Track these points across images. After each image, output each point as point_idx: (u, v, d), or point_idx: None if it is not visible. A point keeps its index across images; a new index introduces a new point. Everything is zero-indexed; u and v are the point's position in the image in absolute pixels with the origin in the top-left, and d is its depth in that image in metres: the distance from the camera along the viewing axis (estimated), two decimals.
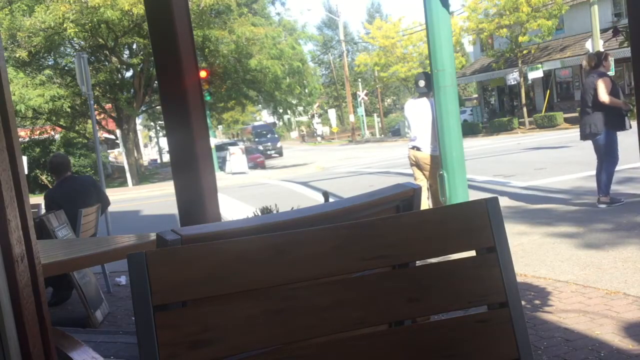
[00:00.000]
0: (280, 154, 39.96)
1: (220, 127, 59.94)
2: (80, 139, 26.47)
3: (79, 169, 23.22)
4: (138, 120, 33.69)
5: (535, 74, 27.33)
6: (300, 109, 29.79)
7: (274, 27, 23.71)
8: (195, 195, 2.36)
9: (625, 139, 6.55)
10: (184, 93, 2.30)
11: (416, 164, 6.06)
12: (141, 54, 23.20)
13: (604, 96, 6.20)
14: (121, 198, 16.53)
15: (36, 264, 1.52)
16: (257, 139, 41.09)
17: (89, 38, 21.72)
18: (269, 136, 42.38)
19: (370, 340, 1.11)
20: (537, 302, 3.61)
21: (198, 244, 1.07)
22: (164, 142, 46.34)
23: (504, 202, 7.60)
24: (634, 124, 6.46)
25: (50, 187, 5.29)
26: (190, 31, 2.35)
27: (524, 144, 18.83)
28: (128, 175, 25.43)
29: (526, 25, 26.11)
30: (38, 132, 26.19)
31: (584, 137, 6.64)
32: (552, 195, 7.99)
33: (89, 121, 22.80)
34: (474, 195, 6.26)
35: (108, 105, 26.01)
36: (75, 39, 21.88)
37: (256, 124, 41.19)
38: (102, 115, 26.34)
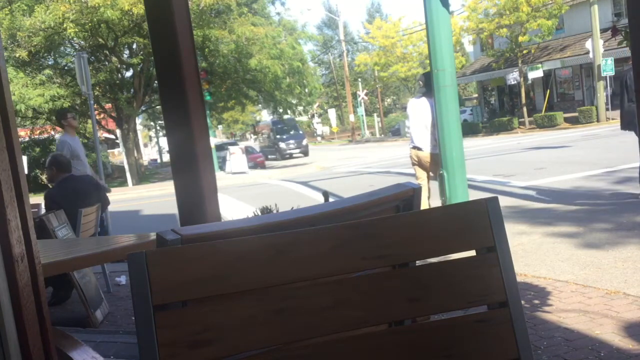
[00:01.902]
0: (306, 153, 33.99)
1: (220, 127, 59.95)
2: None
3: None
4: (138, 120, 33.70)
5: (535, 73, 27.34)
6: (300, 108, 29.77)
7: (274, 27, 23.70)
8: (195, 195, 2.36)
9: (626, 139, 6.55)
10: (184, 93, 2.30)
11: (418, 163, 6.08)
12: (141, 53, 23.20)
13: None
14: (121, 198, 16.53)
15: (36, 263, 1.52)
16: (277, 136, 35.52)
17: (89, 38, 21.71)
18: (292, 132, 36.15)
19: (370, 340, 1.11)
20: (537, 301, 3.61)
21: (198, 244, 1.07)
22: (164, 142, 46.24)
23: (504, 202, 7.61)
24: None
25: (50, 186, 5.31)
26: (190, 31, 2.36)
27: (524, 143, 18.83)
28: (128, 175, 25.44)
29: (526, 25, 26.11)
30: (38, 131, 26.20)
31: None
32: (552, 195, 8.00)
33: (89, 121, 22.77)
34: (474, 195, 6.26)
35: (108, 105, 26.02)
36: (75, 38, 21.88)
37: (276, 118, 36.12)
38: (102, 115, 26.35)
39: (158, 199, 15.72)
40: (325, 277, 1.10)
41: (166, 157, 44.84)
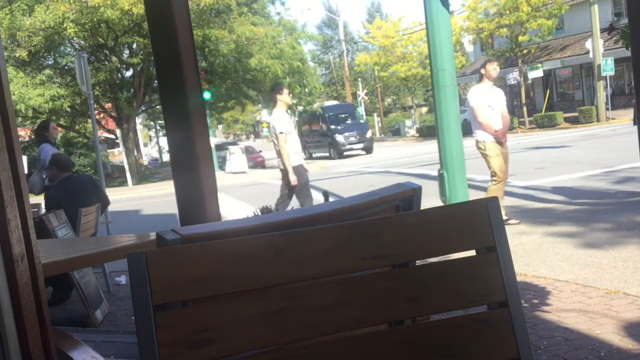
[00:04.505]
0: (370, 149, 25.72)
1: (220, 126, 59.95)
2: (80, 139, 26.49)
3: (79, 169, 23.24)
4: (138, 120, 33.69)
5: (535, 73, 27.34)
6: (300, 108, 29.78)
7: (274, 27, 23.72)
8: (195, 195, 2.36)
9: (626, 139, 6.54)
10: (184, 93, 2.30)
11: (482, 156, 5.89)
12: (141, 53, 23.20)
13: None
14: (121, 197, 16.53)
15: (36, 263, 1.52)
16: (332, 126, 26.45)
17: (89, 38, 21.72)
18: (349, 122, 27.11)
19: (370, 340, 1.11)
20: (537, 301, 3.61)
21: (198, 244, 1.07)
22: (164, 141, 46.17)
23: (504, 201, 7.59)
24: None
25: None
26: (190, 31, 2.35)
27: (524, 143, 18.82)
28: (128, 174, 25.44)
29: (526, 25, 26.11)
30: None
31: None
32: (552, 195, 7.99)
33: (89, 120, 22.78)
34: (474, 195, 6.26)
35: (108, 105, 26.02)
36: (75, 38, 21.89)
37: (327, 104, 25.59)
38: (102, 115, 26.36)
39: (158, 198, 15.71)
40: (325, 277, 1.10)
41: (166, 157, 44.81)
